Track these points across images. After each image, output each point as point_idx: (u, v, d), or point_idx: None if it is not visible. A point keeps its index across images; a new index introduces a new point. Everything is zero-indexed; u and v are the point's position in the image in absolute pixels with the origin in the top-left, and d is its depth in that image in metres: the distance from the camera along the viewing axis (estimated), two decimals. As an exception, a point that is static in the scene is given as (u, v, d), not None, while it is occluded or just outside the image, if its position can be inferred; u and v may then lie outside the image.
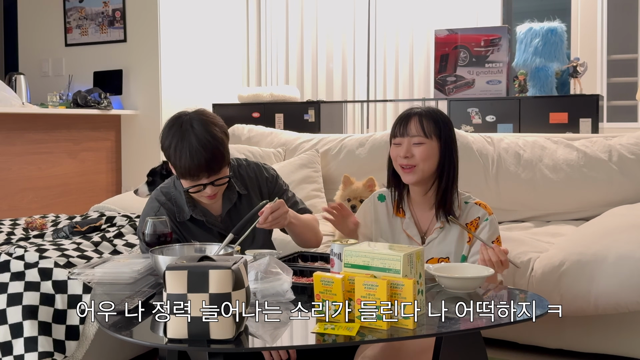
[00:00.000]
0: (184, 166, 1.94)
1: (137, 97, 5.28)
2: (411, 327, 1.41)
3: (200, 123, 1.97)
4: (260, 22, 6.19)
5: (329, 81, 5.95)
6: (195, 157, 1.93)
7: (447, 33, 4.67)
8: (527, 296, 1.80)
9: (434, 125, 1.97)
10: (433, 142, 1.96)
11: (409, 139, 1.96)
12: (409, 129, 1.97)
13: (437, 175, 1.99)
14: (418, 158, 1.95)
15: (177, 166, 1.97)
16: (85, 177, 4.94)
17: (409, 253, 1.48)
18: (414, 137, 1.96)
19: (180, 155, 1.94)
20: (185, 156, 1.93)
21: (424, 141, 1.95)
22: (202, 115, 2.01)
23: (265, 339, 1.44)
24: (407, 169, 1.96)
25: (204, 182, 1.98)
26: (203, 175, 1.97)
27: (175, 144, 1.95)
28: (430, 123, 1.97)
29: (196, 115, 2.01)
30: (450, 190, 1.99)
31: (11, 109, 4.19)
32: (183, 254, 1.86)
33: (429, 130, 1.96)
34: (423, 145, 1.95)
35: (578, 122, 4.19)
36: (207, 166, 1.95)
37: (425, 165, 1.95)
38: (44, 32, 5.60)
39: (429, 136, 1.96)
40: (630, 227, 2.47)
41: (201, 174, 1.96)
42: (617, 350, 2.47)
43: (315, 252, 2.12)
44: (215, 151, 1.95)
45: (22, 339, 1.83)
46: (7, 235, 2.62)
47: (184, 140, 1.94)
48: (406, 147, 1.96)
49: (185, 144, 1.94)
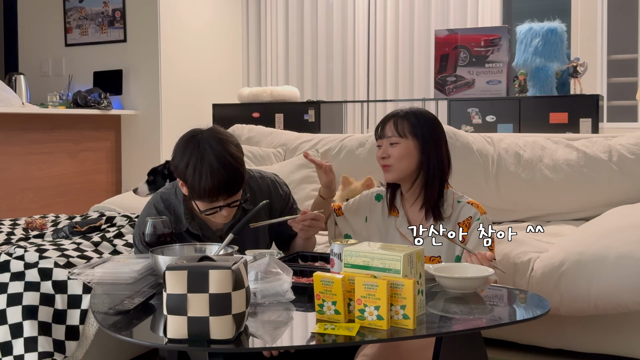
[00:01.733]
0: (204, 188, 1.87)
1: (137, 97, 5.28)
2: (411, 327, 1.41)
3: (218, 142, 1.90)
4: (260, 22, 6.19)
5: (329, 81, 5.95)
6: (216, 178, 1.86)
7: (447, 33, 4.67)
8: (527, 296, 1.80)
9: (409, 125, 2.04)
10: (409, 141, 2.03)
11: (386, 140, 2.06)
12: (385, 130, 2.07)
13: (418, 173, 2.05)
14: (393, 157, 2.03)
15: (195, 188, 1.89)
16: (85, 177, 4.94)
17: (409, 253, 1.48)
18: (390, 138, 2.05)
19: (201, 176, 1.86)
20: (205, 177, 1.86)
21: (399, 141, 2.03)
22: (218, 134, 1.93)
23: (265, 339, 1.44)
24: (385, 168, 2.06)
25: (221, 204, 1.92)
26: (222, 197, 1.90)
27: (195, 165, 1.87)
28: (405, 123, 2.04)
29: (212, 134, 1.93)
30: (432, 187, 2.03)
31: (11, 109, 4.19)
32: (183, 254, 1.86)
33: (404, 130, 2.04)
34: (398, 145, 2.03)
35: (578, 122, 4.19)
36: (228, 188, 1.89)
37: (402, 164, 2.03)
38: (44, 32, 5.60)
39: (404, 135, 2.03)
40: (630, 227, 2.47)
41: (220, 196, 1.90)
42: (617, 350, 2.47)
43: (315, 252, 2.13)
44: (235, 172, 1.90)
45: (22, 339, 1.83)
46: (7, 235, 2.62)
47: (204, 161, 1.86)
48: (384, 148, 2.06)
49: (205, 164, 1.86)
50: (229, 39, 6.01)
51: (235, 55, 6.11)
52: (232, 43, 6.07)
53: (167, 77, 5.25)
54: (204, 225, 2.06)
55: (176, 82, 5.31)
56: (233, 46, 6.08)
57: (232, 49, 6.07)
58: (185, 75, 5.43)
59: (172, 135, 5.36)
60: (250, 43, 6.21)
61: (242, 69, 6.20)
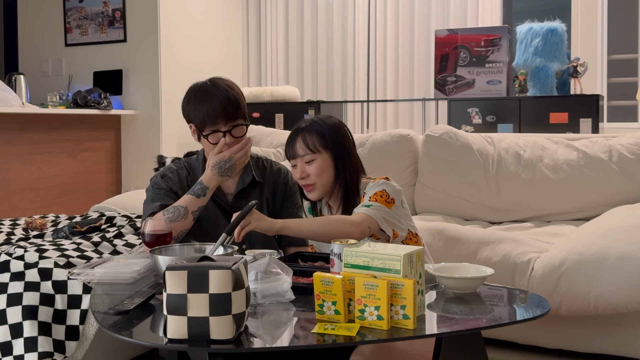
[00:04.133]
0: (201, 110, 2.06)
1: (137, 97, 5.28)
2: (411, 327, 1.41)
3: (217, 78, 2.16)
4: (260, 22, 6.19)
5: (329, 81, 5.96)
6: (212, 101, 2.06)
7: (447, 33, 4.67)
8: (527, 296, 1.80)
9: (317, 138, 2.03)
10: (323, 154, 2.03)
11: (300, 159, 2.05)
12: (296, 150, 2.06)
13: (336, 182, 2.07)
14: (313, 175, 2.03)
15: (196, 116, 2.08)
16: (85, 177, 4.94)
17: (409, 253, 1.48)
18: (303, 157, 2.04)
19: (199, 103, 2.07)
20: (202, 101, 2.07)
21: (314, 157, 2.03)
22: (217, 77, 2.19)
23: (265, 339, 1.44)
24: (307, 188, 2.06)
25: (222, 129, 2.07)
26: (220, 120, 2.07)
27: (194, 97, 2.10)
28: (314, 137, 2.04)
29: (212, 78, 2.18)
30: (352, 191, 2.06)
31: (11, 109, 4.19)
32: (183, 254, 1.86)
33: (315, 146, 2.03)
34: (314, 162, 2.03)
35: (578, 122, 4.20)
36: (223, 109, 2.06)
37: (323, 179, 2.03)
38: (44, 32, 5.60)
39: (316, 151, 2.03)
40: (631, 227, 2.47)
41: (218, 118, 2.06)
42: (617, 350, 2.47)
43: (315, 252, 2.13)
44: (229, 94, 2.08)
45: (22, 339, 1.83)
46: (7, 236, 2.61)
47: (201, 90, 2.10)
48: (300, 168, 2.05)
49: (201, 92, 2.09)
50: (229, 39, 6.01)
51: (235, 55, 6.11)
52: (232, 43, 6.07)
53: (167, 77, 5.25)
54: None
55: (176, 82, 5.31)
56: (233, 46, 6.08)
57: (232, 49, 6.07)
58: (186, 75, 5.41)
59: (172, 135, 5.40)
60: (250, 43, 6.21)
61: (242, 69, 6.20)
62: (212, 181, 2.09)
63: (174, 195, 2.14)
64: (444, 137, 3.33)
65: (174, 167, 2.22)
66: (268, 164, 2.26)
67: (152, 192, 2.15)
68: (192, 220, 2.06)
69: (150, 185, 2.20)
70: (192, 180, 2.18)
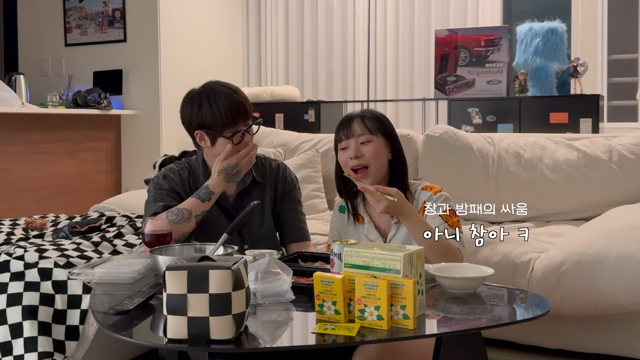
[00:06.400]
0: (224, 111, 2.04)
1: (137, 97, 5.28)
2: (411, 327, 1.41)
3: (217, 83, 2.12)
4: (260, 22, 6.19)
5: (329, 81, 5.95)
6: (232, 100, 2.05)
7: (447, 33, 4.67)
8: (527, 296, 1.80)
9: (377, 123, 1.98)
10: (379, 138, 1.97)
11: (355, 139, 1.97)
12: (353, 129, 1.98)
13: (388, 172, 2.00)
14: (368, 156, 1.95)
15: (216, 117, 2.05)
16: (85, 177, 4.94)
17: (409, 253, 1.47)
18: (360, 137, 1.96)
19: (217, 104, 2.04)
20: (222, 103, 2.04)
21: (371, 138, 1.96)
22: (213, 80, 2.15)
23: (265, 339, 1.44)
24: (360, 172, 1.96)
25: (242, 129, 2.08)
26: (241, 120, 2.07)
27: (208, 100, 2.06)
28: (372, 121, 1.98)
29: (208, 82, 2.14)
30: (403, 184, 2.00)
31: (11, 109, 4.19)
32: (183, 254, 1.86)
33: (373, 128, 1.97)
34: (371, 143, 1.96)
35: (578, 122, 4.19)
36: (244, 108, 2.07)
37: (378, 163, 1.96)
38: (44, 32, 5.60)
39: (375, 133, 1.97)
40: (631, 227, 2.47)
41: (239, 117, 2.07)
42: (617, 350, 2.47)
43: (315, 252, 2.12)
44: (242, 95, 2.10)
45: (22, 339, 1.83)
46: (6, 235, 2.61)
47: (215, 93, 2.06)
48: (354, 147, 1.96)
49: (217, 94, 2.06)
50: (229, 39, 6.01)
51: (236, 55, 6.11)
52: (232, 43, 6.06)
53: (167, 77, 5.25)
54: None
55: (176, 82, 5.30)
56: (233, 46, 6.08)
57: (232, 48, 6.06)
58: (186, 75, 5.43)
59: (172, 135, 5.40)
60: (250, 43, 6.21)
61: (242, 69, 6.20)
62: (219, 187, 2.08)
63: (176, 195, 2.14)
64: (444, 137, 3.33)
65: (175, 167, 2.22)
66: (267, 162, 2.27)
67: (155, 192, 2.15)
68: (194, 224, 2.06)
69: (152, 185, 2.20)
70: (194, 181, 2.18)
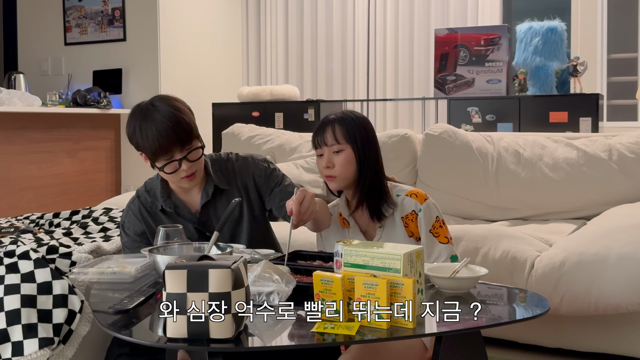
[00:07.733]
0: (152, 141, 1.90)
1: (136, 96, 5.27)
2: (411, 326, 1.41)
3: (161, 100, 1.97)
4: (260, 22, 6.19)
5: (329, 80, 5.95)
6: (162, 129, 1.89)
7: (447, 32, 4.67)
8: (527, 295, 1.79)
9: (346, 131, 2.01)
10: (349, 147, 2.00)
11: (328, 148, 2.01)
12: (326, 139, 2.01)
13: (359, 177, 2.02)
14: (338, 167, 1.99)
15: (146, 146, 1.92)
16: (84, 176, 4.94)
17: (409, 252, 1.47)
18: (332, 146, 2.00)
19: (147, 132, 1.90)
20: (151, 131, 1.90)
21: (342, 148, 2.00)
22: (161, 96, 2.01)
23: (264, 338, 1.44)
24: (329, 179, 2.02)
25: (177, 158, 1.93)
26: (175, 149, 1.92)
27: (140, 125, 1.92)
28: (342, 129, 2.01)
29: (155, 97, 2.01)
30: (373, 189, 2.01)
31: (11, 109, 4.19)
32: (182, 253, 1.86)
33: (344, 137, 2.00)
34: (342, 153, 1.99)
35: (578, 121, 4.19)
36: (176, 136, 1.90)
37: (347, 172, 1.99)
38: (44, 31, 5.60)
39: (344, 142, 2.00)
40: (631, 227, 2.47)
41: (173, 147, 1.91)
42: (617, 350, 2.47)
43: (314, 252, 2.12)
44: (180, 120, 1.92)
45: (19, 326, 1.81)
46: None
47: (147, 118, 1.92)
48: (327, 157, 2.01)
49: (149, 121, 1.91)
50: (229, 38, 6.01)
51: (235, 54, 6.11)
52: (232, 42, 6.06)
53: (166, 76, 5.24)
54: (179, 204, 2.08)
55: (176, 82, 5.31)
56: (233, 45, 6.07)
57: (232, 48, 6.06)
58: (185, 75, 5.43)
59: (171, 135, 5.37)
60: (250, 42, 6.20)
61: (242, 68, 6.20)
62: None
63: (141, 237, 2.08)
64: (444, 136, 3.33)
65: (130, 206, 2.11)
66: (230, 165, 2.15)
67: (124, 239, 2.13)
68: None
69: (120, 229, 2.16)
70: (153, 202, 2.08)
